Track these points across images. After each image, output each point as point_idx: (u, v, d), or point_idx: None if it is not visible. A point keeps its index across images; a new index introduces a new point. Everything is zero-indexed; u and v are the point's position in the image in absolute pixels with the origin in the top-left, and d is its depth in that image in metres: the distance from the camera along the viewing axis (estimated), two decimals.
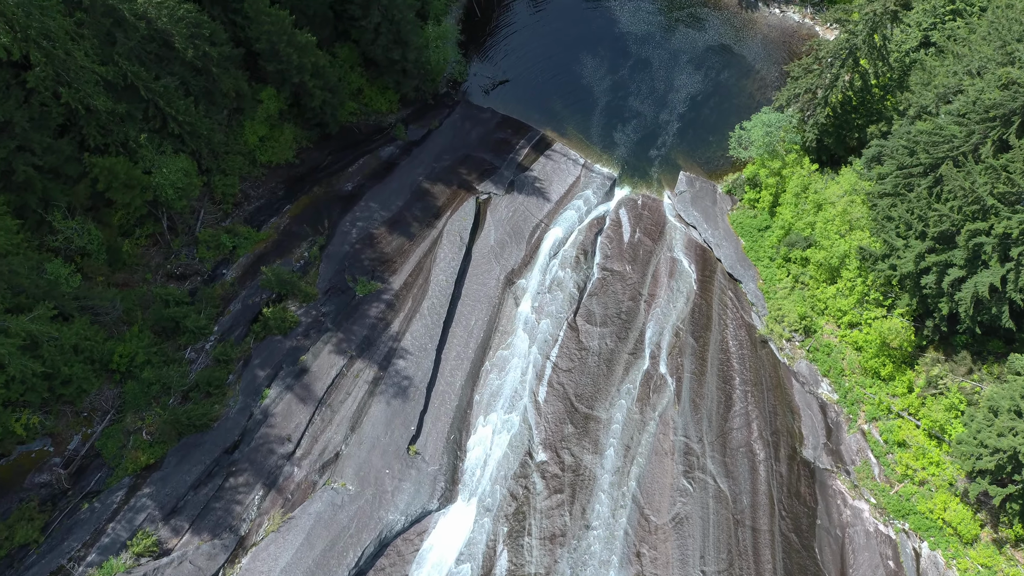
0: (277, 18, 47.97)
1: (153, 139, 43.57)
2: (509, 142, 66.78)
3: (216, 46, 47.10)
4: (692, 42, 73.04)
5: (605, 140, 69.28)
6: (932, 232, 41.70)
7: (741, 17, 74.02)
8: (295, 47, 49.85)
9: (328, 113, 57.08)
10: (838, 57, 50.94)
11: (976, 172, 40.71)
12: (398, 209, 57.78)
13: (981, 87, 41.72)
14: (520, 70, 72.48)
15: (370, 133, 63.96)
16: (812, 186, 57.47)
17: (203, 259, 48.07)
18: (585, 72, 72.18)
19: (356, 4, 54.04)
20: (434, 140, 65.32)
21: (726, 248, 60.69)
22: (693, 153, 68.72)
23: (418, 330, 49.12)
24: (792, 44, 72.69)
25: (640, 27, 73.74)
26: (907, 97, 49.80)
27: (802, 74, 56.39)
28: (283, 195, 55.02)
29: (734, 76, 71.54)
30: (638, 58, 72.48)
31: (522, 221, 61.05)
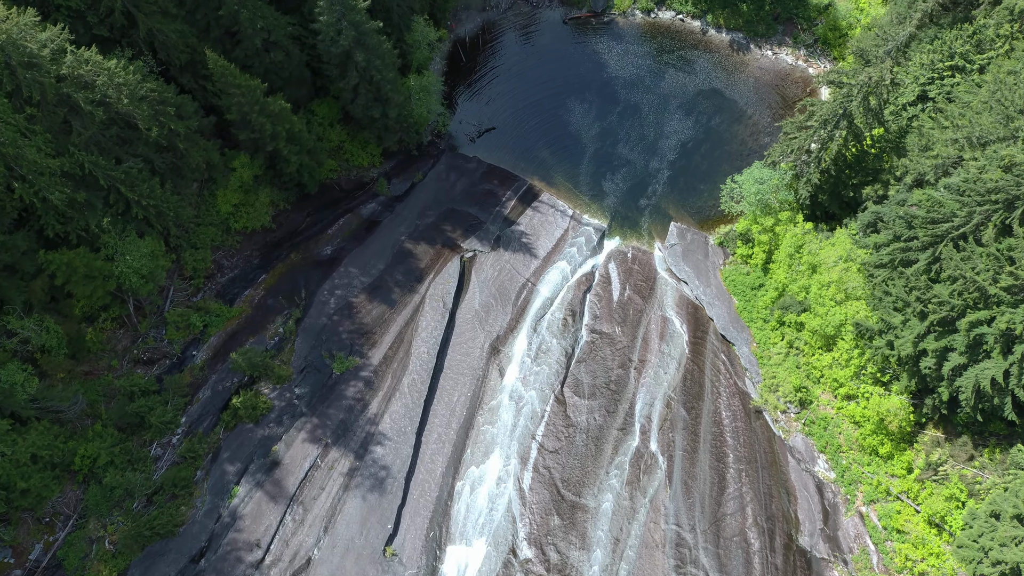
0: (248, 88, 46.01)
1: (117, 223, 41.62)
2: (495, 194, 64.89)
3: (184, 120, 45.16)
4: (682, 86, 71.13)
5: (594, 189, 67.41)
6: (932, 319, 39.85)
7: (732, 60, 72.14)
8: (268, 116, 47.91)
9: (306, 175, 55.15)
10: (831, 119, 49.05)
11: (977, 256, 38.90)
12: (379, 273, 55.84)
13: (982, 164, 39.89)
14: (506, 116, 70.54)
15: (352, 189, 62.01)
16: (806, 246, 55.65)
17: (172, 341, 46.14)
18: (573, 118, 70.27)
19: (333, 65, 52.05)
20: (418, 194, 63.41)
21: (719, 307, 58.87)
22: (684, 202, 66.88)
23: (397, 411, 47.20)
24: (785, 87, 70.86)
25: (629, 71, 71.83)
26: (904, 163, 47.96)
27: (795, 131, 54.52)
28: (258, 264, 53.04)
29: (725, 121, 69.69)
30: (627, 103, 70.57)
31: (508, 281, 59.15)
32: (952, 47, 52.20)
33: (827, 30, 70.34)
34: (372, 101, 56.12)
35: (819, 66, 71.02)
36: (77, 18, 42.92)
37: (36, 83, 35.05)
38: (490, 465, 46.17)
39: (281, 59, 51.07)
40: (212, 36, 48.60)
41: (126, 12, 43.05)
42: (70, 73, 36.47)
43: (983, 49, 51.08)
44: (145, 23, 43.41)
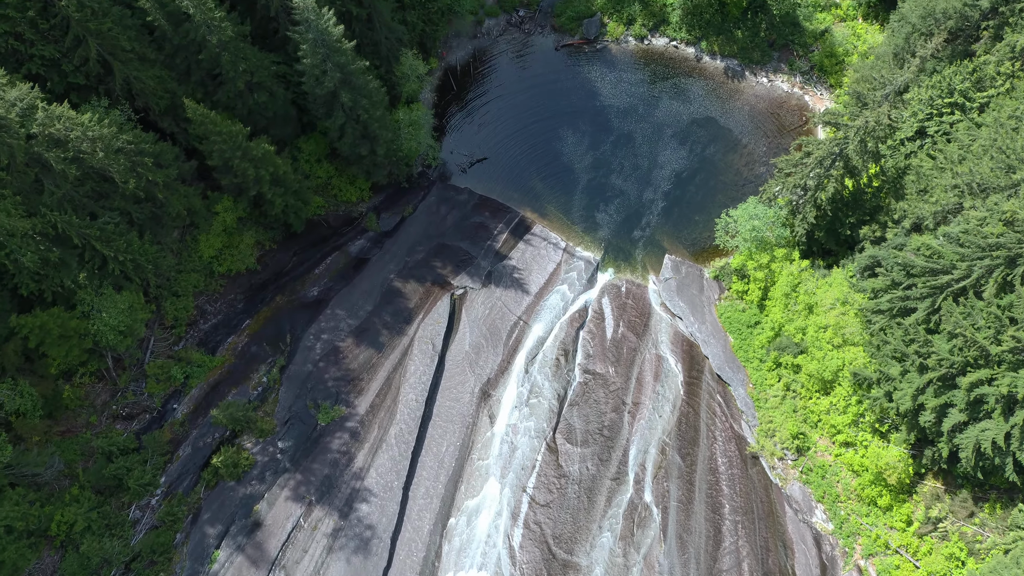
0: (229, 134, 44.86)
1: (93, 278, 40.46)
2: (486, 227, 63.76)
3: (163, 168, 43.99)
4: (676, 115, 70.02)
5: (587, 221, 66.32)
6: (931, 376, 38.75)
7: (727, 87, 71.01)
8: (250, 161, 46.76)
9: (292, 215, 54.02)
10: (827, 159, 47.95)
11: (978, 312, 37.80)
12: (367, 315, 54.69)
13: (983, 216, 38.79)
14: (498, 146, 69.40)
15: (340, 225, 60.85)
16: (803, 285, 54.58)
17: (152, 394, 45.01)
18: (565, 148, 69.15)
19: (318, 104, 50.90)
20: (407, 229, 62.27)
21: (714, 346, 57.76)
22: (679, 234, 65.77)
23: (384, 464, 46.06)
24: (781, 115, 69.75)
25: (622, 99, 70.70)
26: (902, 207, 46.85)
27: (790, 169, 53.41)
28: (242, 308, 51.88)
29: (720, 151, 68.57)
30: (620, 133, 69.44)
31: (499, 319, 58.02)
32: (952, 83, 51.13)
33: (823, 57, 69.26)
34: (360, 139, 55.00)
35: (815, 93, 69.95)
36: (52, 66, 41.80)
37: (4, 145, 33.92)
38: (478, 523, 45.03)
39: (265, 99, 49.96)
40: (193, 80, 47.48)
41: (102, 60, 41.90)
42: (41, 132, 35.35)
43: (983, 87, 50.04)
44: (121, 71, 42.28)
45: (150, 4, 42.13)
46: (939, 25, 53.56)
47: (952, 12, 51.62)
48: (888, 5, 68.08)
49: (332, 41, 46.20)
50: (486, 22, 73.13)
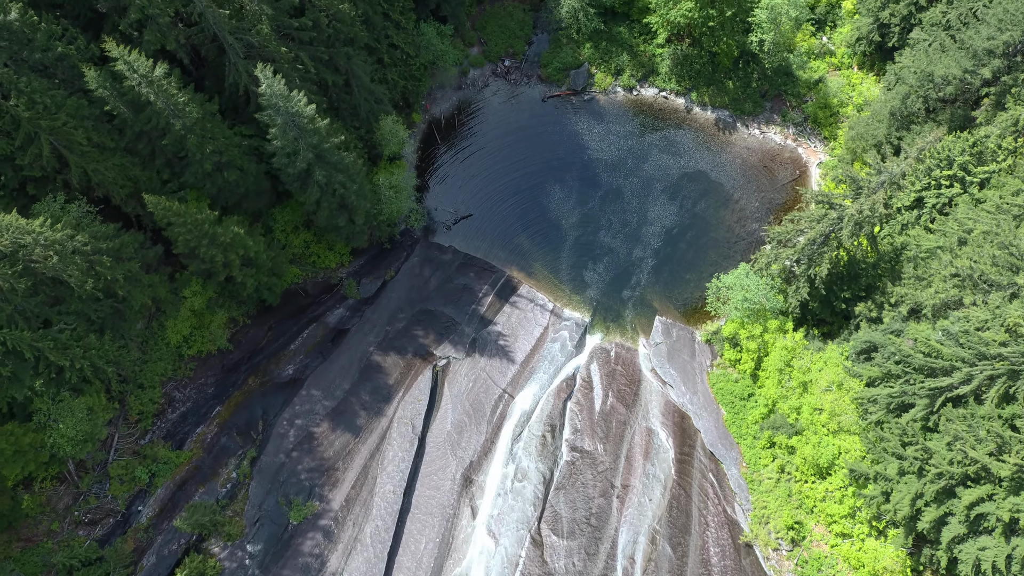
0: (194, 223, 42.86)
1: (50, 385, 38.50)
2: (471, 289, 61.76)
3: (125, 262, 41.97)
4: (666, 169, 68.01)
5: (575, 280, 64.34)
6: (930, 488, 36.70)
7: (718, 140, 69.00)
8: (219, 246, 44.76)
9: (265, 291, 52.00)
10: (819, 239, 45.95)
11: (978, 422, 35.77)
12: (344, 395, 52.65)
13: (985, 319, 36.76)
14: (484, 201, 67.40)
15: (319, 293, 58.81)
16: (797, 360, 52.59)
17: (116, 496, 42.98)
18: (553, 204, 67.17)
19: (292, 179, 48.88)
20: (389, 294, 60.24)
21: (706, 419, 55.78)
22: (669, 294, 63.80)
23: (359, 567, 44.00)
24: (773, 168, 67.75)
25: (610, 153, 68.70)
26: (899, 291, 44.82)
27: (783, 239, 51.40)
28: (213, 393, 49.85)
29: (712, 206, 66.58)
30: (609, 188, 67.45)
31: (483, 393, 56.01)
32: (951, 154, 49.20)
33: (817, 108, 67.26)
34: (336, 210, 53.02)
35: (809, 145, 67.96)
36: (5, 161, 39.84)
37: None
38: None
39: (236, 177, 48.00)
40: (157, 163, 45.50)
41: (57, 154, 39.93)
42: None
43: (984, 160, 48.09)
44: (78, 164, 40.31)
45: (108, 92, 40.15)
46: (938, 90, 51.68)
47: (951, 78, 49.71)
48: (884, 55, 66.17)
49: (303, 123, 44.22)
50: (471, 72, 71.14)
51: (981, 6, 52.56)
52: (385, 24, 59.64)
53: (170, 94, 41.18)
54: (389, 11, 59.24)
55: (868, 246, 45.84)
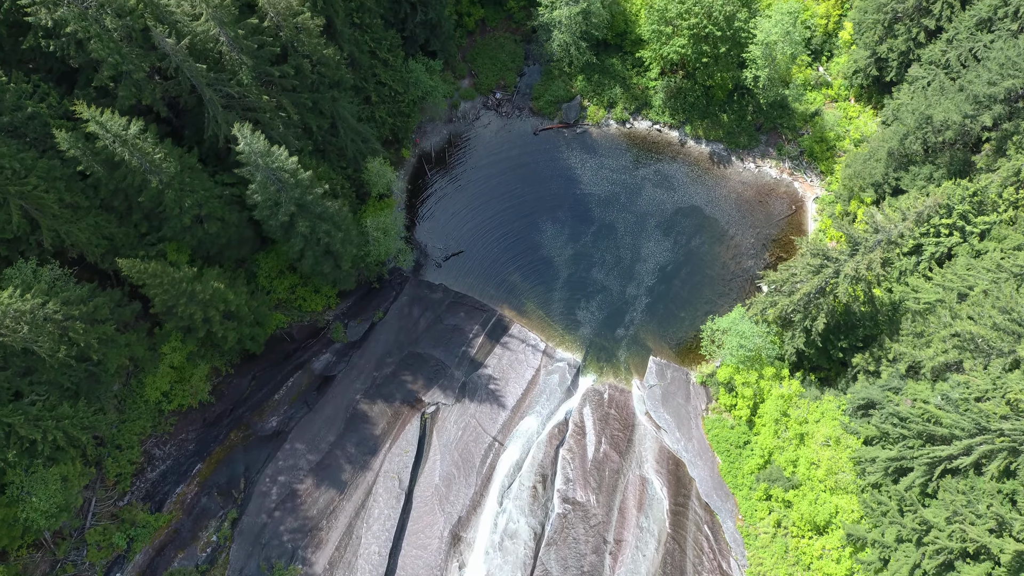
0: (171, 281, 41.58)
1: (23, 456, 37.22)
2: (462, 329, 60.50)
3: (100, 324, 40.69)
4: (660, 204, 66.80)
5: (568, 319, 63.13)
6: (929, 565, 35.47)
7: (713, 174, 67.79)
8: (198, 303, 43.47)
9: (248, 342, 50.72)
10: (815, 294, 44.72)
11: (977, 495, 34.55)
12: (329, 448, 51.36)
13: (985, 389, 35.53)
14: (475, 237, 66.16)
15: (305, 338, 57.53)
16: (793, 410, 51.37)
17: (94, 563, 41.68)
18: (545, 240, 65.95)
19: (275, 229, 47.61)
20: (377, 337, 58.92)
21: (701, 468, 54.57)
22: (664, 332, 62.61)
23: None
24: (769, 203, 66.57)
25: (603, 187, 67.48)
26: (897, 348, 43.59)
27: (778, 285, 50.17)
28: (194, 449, 48.54)
29: (706, 242, 65.37)
30: (602, 223, 66.24)
31: (473, 442, 54.75)
32: (951, 202, 47.98)
33: (813, 142, 66.10)
34: (322, 257, 51.75)
35: (805, 180, 66.79)
36: None
37: None
38: None
39: (216, 229, 46.70)
40: (134, 218, 44.23)
41: (28, 217, 38.68)
42: None
43: (984, 210, 46.90)
44: (50, 226, 39.04)
45: (80, 152, 38.87)
46: (937, 134, 50.51)
47: (951, 123, 48.52)
48: (882, 88, 65.02)
49: (285, 177, 42.98)
50: (461, 105, 69.90)
51: (981, 47, 51.47)
52: (372, 63, 58.45)
53: (145, 152, 39.93)
54: (376, 50, 58.03)
55: (864, 298, 44.60)
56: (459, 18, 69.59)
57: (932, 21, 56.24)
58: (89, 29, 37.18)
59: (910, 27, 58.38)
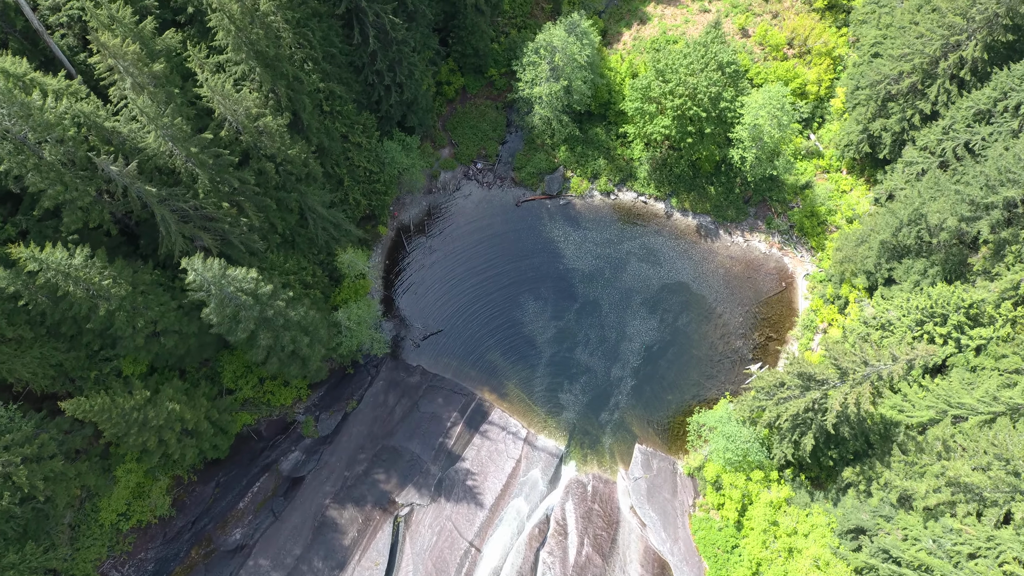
0: (121, 413, 39.38)
1: None
2: (439, 418, 58.32)
3: (46, 461, 38.50)
4: (645, 279, 64.58)
5: (551, 402, 60.96)
6: None
7: (700, 248, 65.55)
8: (151, 429, 41.27)
9: (211, 449, 48.54)
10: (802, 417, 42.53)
11: None
12: (294, 563, 49.17)
13: (977, 545, 33.31)
14: (454, 315, 63.99)
15: (273, 434, 55.36)
16: (782, 518, 49.18)
17: None
18: (527, 317, 63.75)
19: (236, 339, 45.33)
20: (350, 429, 56.74)
21: (687, 574, 52.29)
22: (650, 417, 60.40)
23: None
24: (758, 279, 64.33)
25: (587, 262, 65.26)
26: (888, 476, 41.36)
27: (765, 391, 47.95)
28: (153, 570, 46.37)
29: (694, 321, 63.16)
30: (586, 300, 64.05)
31: (448, 548, 52.54)
32: (946, 310, 45.72)
33: (804, 216, 63.87)
34: (288, 360, 49.56)
35: (795, 255, 64.56)
36: None
37: None
38: None
39: (174, 343, 44.49)
40: (85, 340, 42.02)
41: None
42: None
43: (981, 322, 44.66)
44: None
45: (21, 285, 36.67)
46: (931, 234, 48.32)
47: (946, 226, 46.30)
48: (876, 163, 62.82)
49: (243, 299, 40.75)
50: (441, 175, 67.73)
51: (979, 140, 49.25)
52: (345, 147, 56.24)
53: (91, 280, 37.69)
54: (349, 134, 55.81)
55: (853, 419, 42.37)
56: (438, 87, 67.39)
57: (928, 105, 54.03)
58: (26, 164, 34.97)
59: (904, 107, 56.19)
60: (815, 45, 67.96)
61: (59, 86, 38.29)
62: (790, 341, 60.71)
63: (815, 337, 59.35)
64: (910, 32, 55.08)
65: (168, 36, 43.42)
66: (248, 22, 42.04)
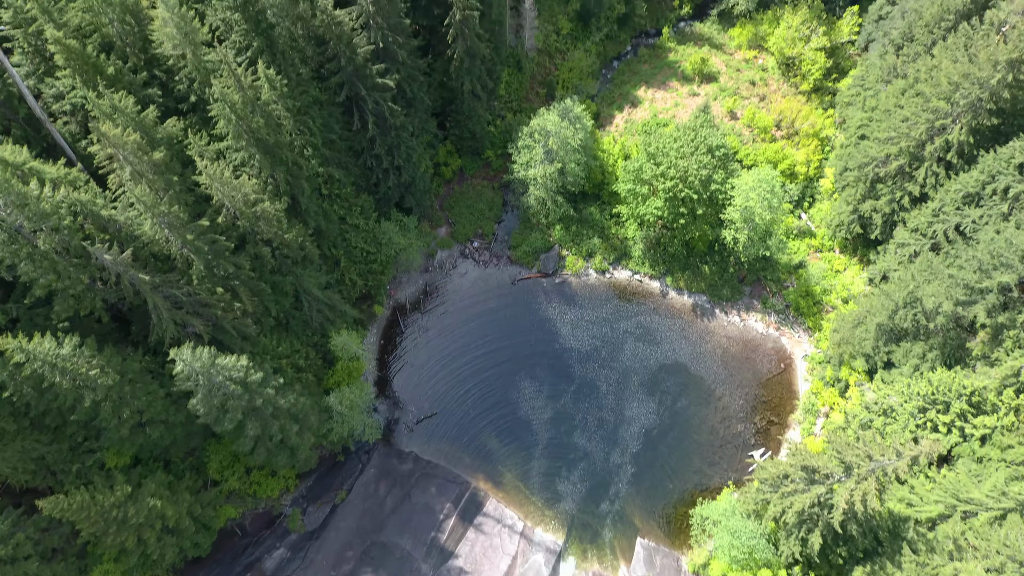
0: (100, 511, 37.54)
1: None
2: (432, 509, 56.06)
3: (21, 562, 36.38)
4: (643, 360, 63.82)
5: (548, 491, 58.89)
6: None
7: (697, 327, 65.22)
8: (130, 527, 39.27)
9: (191, 551, 46.19)
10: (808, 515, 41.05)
11: None
12: None
13: None
14: (449, 396, 62.64)
15: (258, 529, 53.00)
16: None
17: None
18: (523, 400, 62.46)
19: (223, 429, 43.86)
20: (338, 523, 54.39)
21: None
22: (651, 507, 58.31)
23: None
24: (756, 360, 63.67)
25: (583, 341, 64.63)
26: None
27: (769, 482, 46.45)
28: None
29: (693, 403, 62.03)
30: (583, 381, 63.01)
31: None
32: (948, 397, 45.00)
33: (799, 296, 63.89)
34: (276, 449, 47.95)
35: (793, 335, 64.18)
36: None
37: None
38: None
39: (160, 433, 43.02)
40: (68, 433, 40.61)
41: None
42: None
43: (984, 410, 43.92)
44: None
45: (7, 376, 35.60)
46: (928, 319, 48.15)
47: (942, 311, 46.19)
48: (868, 243, 63.46)
49: (232, 388, 39.68)
50: (438, 254, 67.88)
51: (970, 223, 49.87)
52: (343, 228, 56.44)
53: (78, 371, 36.67)
54: (346, 216, 56.12)
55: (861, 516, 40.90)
56: (436, 168, 68.48)
57: (916, 187, 55.02)
58: (19, 253, 34.60)
59: (893, 189, 57.19)
60: (802, 127, 69.91)
61: (58, 174, 38.43)
62: (792, 425, 59.56)
63: (817, 421, 58.28)
64: (895, 115, 56.71)
65: (170, 124, 44.06)
66: (249, 111, 42.79)
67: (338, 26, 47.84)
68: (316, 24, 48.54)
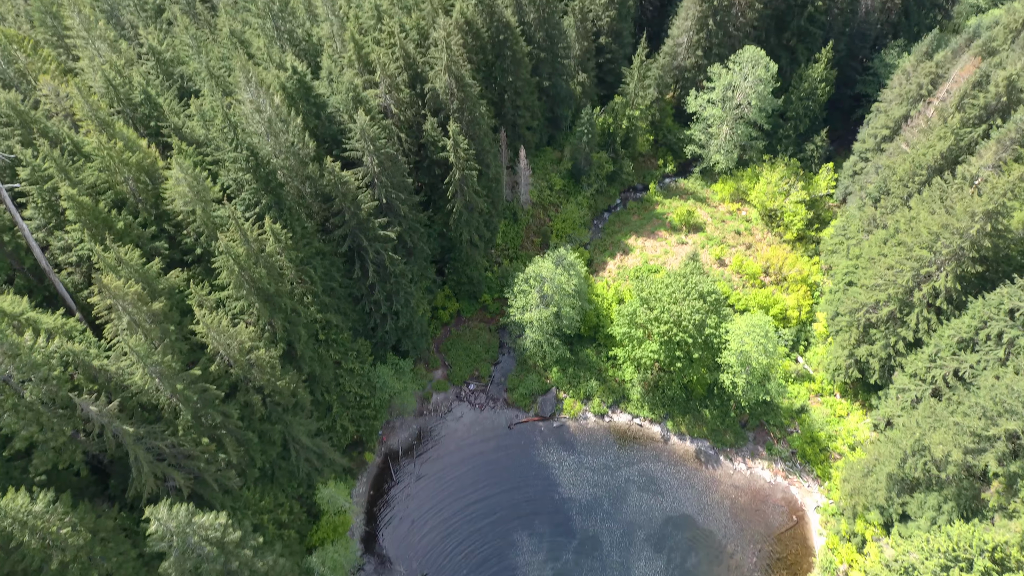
0: None
1: None
2: None
3: None
4: (648, 511, 60.73)
5: None
6: None
7: (702, 475, 62.79)
8: None
9: None
10: None
11: None
12: None
13: None
14: (442, 553, 58.78)
15: None
16: None
17: None
18: (521, 557, 58.61)
19: None
20: None
21: None
22: None
23: None
24: (766, 512, 60.58)
25: (584, 491, 61.87)
26: None
27: None
28: None
29: (703, 561, 58.16)
30: (584, 536, 59.50)
31: None
32: (969, 552, 42.22)
33: (804, 443, 62.09)
34: None
35: (801, 484, 61.56)
36: None
37: None
38: None
39: None
40: None
41: None
42: None
43: (1008, 566, 41.06)
44: None
45: None
46: (938, 468, 46.35)
47: (952, 460, 44.55)
48: (868, 387, 62.74)
49: (207, 550, 37.25)
50: (433, 397, 66.85)
51: (968, 368, 49.54)
52: (337, 372, 55.98)
53: (48, 530, 34.57)
54: (342, 361, 55.89)
55: None
56: (434, 311, 69.33)
57: (909, 333, 55.29)
58: (4, 404, 33.96)
59: (887, 334, 57.43)
60: (790, 273, 71.64)
61: (53, 325, 38.64)
62: None
63: None
64: (880, 263, 58.23)
65: (173, 275, 45.05)
66: (252, 263, 43.94)
67: (344, 185, 50.49)
68: (324, 183, 51.22)
